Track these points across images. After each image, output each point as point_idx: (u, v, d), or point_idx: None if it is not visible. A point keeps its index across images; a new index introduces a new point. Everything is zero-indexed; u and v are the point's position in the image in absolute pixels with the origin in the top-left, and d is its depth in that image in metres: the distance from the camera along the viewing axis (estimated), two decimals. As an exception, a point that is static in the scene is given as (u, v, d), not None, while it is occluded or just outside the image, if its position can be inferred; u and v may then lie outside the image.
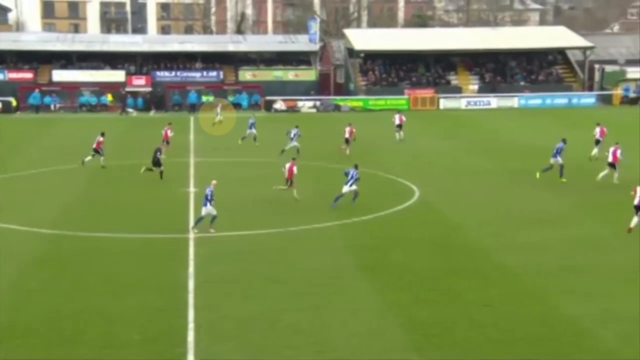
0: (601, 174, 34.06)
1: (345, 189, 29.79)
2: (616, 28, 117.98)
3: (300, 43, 74.49)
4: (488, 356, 16.68)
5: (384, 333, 17.89)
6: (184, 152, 43.71)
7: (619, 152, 34.14)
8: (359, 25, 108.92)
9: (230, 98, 67.75)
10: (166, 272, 22.36)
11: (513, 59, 73.06)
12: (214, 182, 26.83)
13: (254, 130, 46.14)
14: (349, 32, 77.83)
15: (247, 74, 70.80)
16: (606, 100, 69.22)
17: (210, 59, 71.58)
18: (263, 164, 39.96)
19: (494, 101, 67.20)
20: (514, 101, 67.98)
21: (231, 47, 73.45)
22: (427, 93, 68.45)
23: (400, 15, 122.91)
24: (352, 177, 29.87)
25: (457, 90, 70.09)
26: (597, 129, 41.90)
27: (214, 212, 25.99)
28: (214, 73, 70.19)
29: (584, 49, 72.44)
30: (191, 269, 22.47)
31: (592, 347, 17.09)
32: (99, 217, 28.95)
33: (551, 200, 31.20)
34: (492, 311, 19.10)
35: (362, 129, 48.93)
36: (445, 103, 67.25)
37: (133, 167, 38.74)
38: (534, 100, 68.04)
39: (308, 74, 71.44)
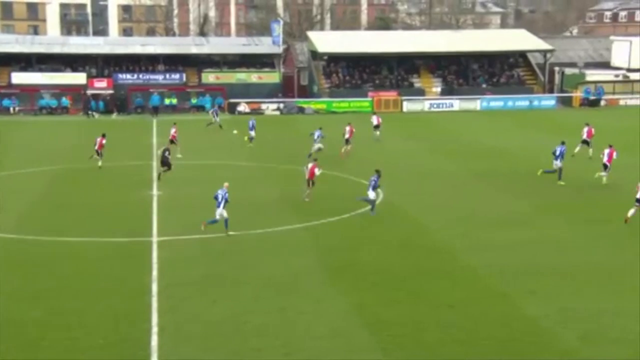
0: (601, 174, 34.16)
1: (369, 192, 29.47)
2: (575, 31, 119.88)
3: (263, 45, 74.33)
4: (453, 357, 16.85)
5: (350, 334, 17.97)
6: (147, 155, 43.37)
7: (615, 154, 34.37)
8: (322, 28, 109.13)
9: (194, 101, 67.38)
10: (130, 276, 22.19)
11: (475, 62, 73.77)
12: (226, 184, 27.00)
13: (252, 133, 46.40)
14: (313, 35, 77.93)
15: (210, 77, 70.44)
16: (566, 102, 70.24)
17: (173, 62, 71.08)
18: (228, 166, 39.83)
19: (457, 103, 67.78)
20: (476, 103, 68.64)
21: (194, 50, 73.02)
22: (390, 95, 68.79)
23: (364, 17, 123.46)
24: (371, 183, 29.42)
25: (420, 92, 70.55)
26: (585, 129, 42.10)
27: (226, 215, 26.07)
28: (177, 75, 69.70)
29: (544, 52, 73.43)
30: (155, 273, 22.33)
31: (552, 347, 17.34)
32: (61, 222, 28.61)
33: (514, 202, 31.59)
34: (457, 312, 19.30)
35: (325, 132, 49.03)
36: (408, 105, 67.65)
37: (95, 170, 38.36)
38: (496, 102, 68.78)
39: (271, 77, 71.34)
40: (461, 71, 73.45)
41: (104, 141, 39.00)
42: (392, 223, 28.32)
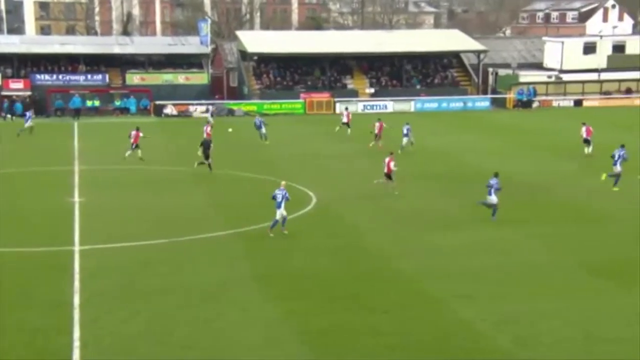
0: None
1: (493, 199, 29.31)
2: (508, 32, 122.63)
3: (190, 45, 73.71)
4: (387, 363, 17.00)
5: (282, 343, 17.94)
6: (68, 159, 42.48)
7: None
8: (251, 27, 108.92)
9: (117, 103, 66.34)
10: (50, 287, 21.68)
11: (409, 62, 74.68)
12: (283, 183, 27.57)
13: (263, 130, 48.53)
14: (242, 34, 77.69)
15: (134, 78, 69.45)
16: (500, 103, 71.75)
17: (94, 62, 69.81)
18: (155, 171, 39.35)
19: (390, 105, 68.47)
20: (410, 105, 69.48)
21: (117, 49, 71.89)
22: (322, 97, 69.06)
23: (294, 17, 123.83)
24: (491, 187, 29.22)
25: (353, 94, 71.04)
26: (583, 129, 43.38)
27: (285, 214, 26.64)
28: (99, 76, 68.50)
29: (477, 53, 74.86)
30: (77, 284, 21.87)
31: (487, 350, 17.65)
32: (-26, 231, 27.76)
33: (448, 204, 32.05)
34: (392, 317, 19.47)
35: (255, 134, 48.99)
36: (341, 107, 68.04)
37: (12, 176, 37.40)
38: (430, 103, 69.78)
39: (199, 78, 70.77)
40: (395, 72, 74.26)
41: (140, 134, 41.51)
42: (324, 227, 28.41)
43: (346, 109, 56.45)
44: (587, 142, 43.03)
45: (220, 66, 76.80)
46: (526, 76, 73.65)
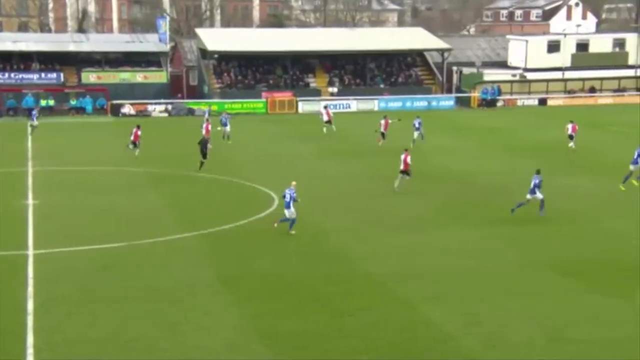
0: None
1: (534, 195, 29.34)
2: (472, 30, 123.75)
3: (149, 43, 73.09)
4: (354, 366, 16.96)
5: (247, 347, 17.83)
6: (21, 160, 41.80)
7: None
8: (212, 25, 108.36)
9: (73, 102, 65.50)
10: (1, 293, 21.24)
11: (372, 61, 74.90)
12: (293, 183, 27.76)
13: (228, 128, 48.83)
14: (202, 32, 77.24)
15: (91, 76, 68.66)
16: (464, 102, 72.29)
17: (49, 60, 68.84)
18: (113, 172, 38.91)
19: (354, 104, 68.61)
20: (374, 104, 69.68)
21: (72, 47, 70.97)
22: (285, 96, 68.95)
23: (255, 14, 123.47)
24: (533, 185, 29.25)
25: (316, 93, 71.04)
26: (569, 125, 45.29)
27: (294, 215, 27.06)
28: (54, 75, 67.57)
29: (442, 51, 75.35)
30: (30, 289, 21.50)
31: (455, 352, 17.72)
32: None
33: (412, 205, 32.14)
34: (358, 320, 19.44)
35: (218, 134, 48.67)
36: (304, 106, 67.99)
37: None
38: (394, 103, 70.02)
39: (158, 76, 70.22)
40: (358, 71, 74.43)
41: (139, 132, 42.27)
42: (287, 229, 28.26)
43: (325, 107, 56.96)
44: (571, 137, 45.01)
45: (179, 65, 76.29)
46: (491, 75, 74.32)
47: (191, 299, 20.87)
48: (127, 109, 65.09)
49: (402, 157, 34.04)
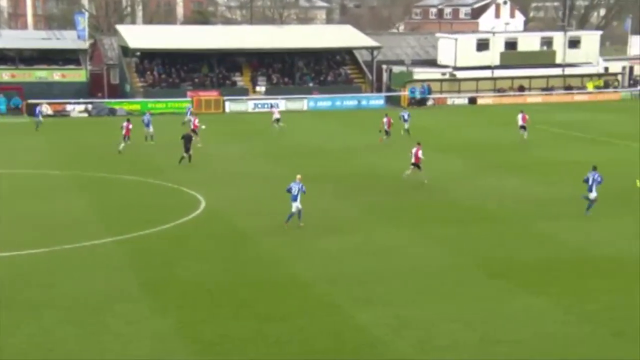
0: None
1: (592, 195, 29.30)
2: (401, 28, 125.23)
3: (66, 40, 71.83)
4: (282, 373, 17.05)
5: (169, 357, 17.74)
6: None
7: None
8: (133, 22, 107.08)
9: (-13, 102, 63.96)
10: None
11: (301, 59, 75.11)
12: (299, 176, 28.71)
13: (151, 129, 48.60)
14: (123, 29, 76.25)
15: (4, 74, 67.16)
16: (395, 101, 73.10)
17: (-42, 57, 67.19)
18: (30, 175, 38.15)
19: (283, 103, 68.70)
20: (303, 103, 69.95)
21: (-16, 44, 69.39)
22: (211, 95, 68.63)
23: (179, 10, 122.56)
24: (593, 182, 29.13)
25: (244, 92, 70.90)
26: (520, 116, 48.94)
27: (300, 207, 28.15)
28: (-36, 73, 65.96)
29: (371, 49, 76.02)
30: (-58, 299, 20.96)
31: (385, 356, 17.96)
32: None
33: (342, 206, 32.41)
34: (287, 325, 19.54)
35: (140, 134, 48.17)
36: (231, 106, 67.82)
37: None
38: (324, 102, 70.43)
39: (77, 75, 69.09)
40: (286, 69, 74.54)
41: (130, 126, 44.05)
42: (214, 232, 28.23)
43: (271, 106, 61.19)
44: (523, 128, 48.00)
45: (99, 63, 75.17)
46: (420, 73, 75.30)
47: (112, 307, 20.65)
48: (44, 108, 63.75)
49: (414, 150, 35.67)
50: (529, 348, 18.24)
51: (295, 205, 28.21)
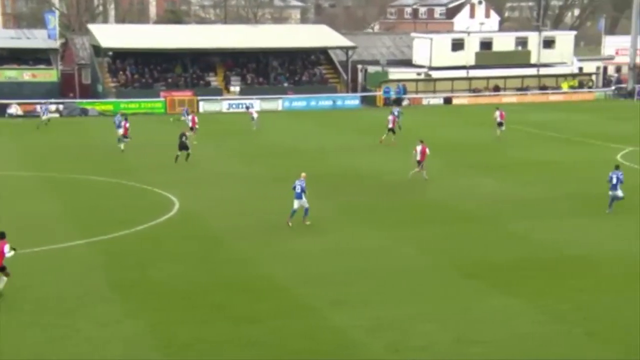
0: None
1: (619, 193, 29.61)
2: (376, 28, 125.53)
3: (37, 39, 71.28)
4: (257, 375, 17.04)
5: (144, 359, 17.66)
6: None
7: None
8: (105, 21, 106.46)
9: (-46, 102, 63.30)
10: None
11: (275, 59, 75.08)
12: (303, 174, 28.89)
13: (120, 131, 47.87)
14: (95, 28, 75.79)
15: (-28, 74, 66.58)
16: (370, 102, 73.29)
17: None
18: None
19: (257, 104, 68.62)
20: (278, 103, 69.94)
21: (-49, 43, 68.71)
22: (185, 95, 68.43)
23: (152, 10, 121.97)
24: (617, 181, 29.42)
25: (218, 92, 70.75)
26: (497, 113, 50.32)
27: (307, 205, 28.51)
28: None
29: (346, 49, 76.16)
30: None
31: (360, 357, 18.02)
32: None
33: (317, 206, 32.38)
34: (260, 327, 19.52)
35: (112, 136, 47.92)
36: (205, 106, 67.63)
37: None
38: (299, 102, 70.47)
39: (48, 75, 68.57)
40: (261, 69, 74.48)
41: (127, 124, 44.49)
42: (187, 234, 28.15)
43: (247, 107, 63.32)
44: (500, 124, 49.31)
45: (71, 62, 74.69)
46: (396, 73, 75.54)
47: (83, 310, 20.53)
48: (14, 109, 63.27)
49: (419, 148, 36.25)
50: (503, 348, 18.37)
51: (299, 203, 28.53)
